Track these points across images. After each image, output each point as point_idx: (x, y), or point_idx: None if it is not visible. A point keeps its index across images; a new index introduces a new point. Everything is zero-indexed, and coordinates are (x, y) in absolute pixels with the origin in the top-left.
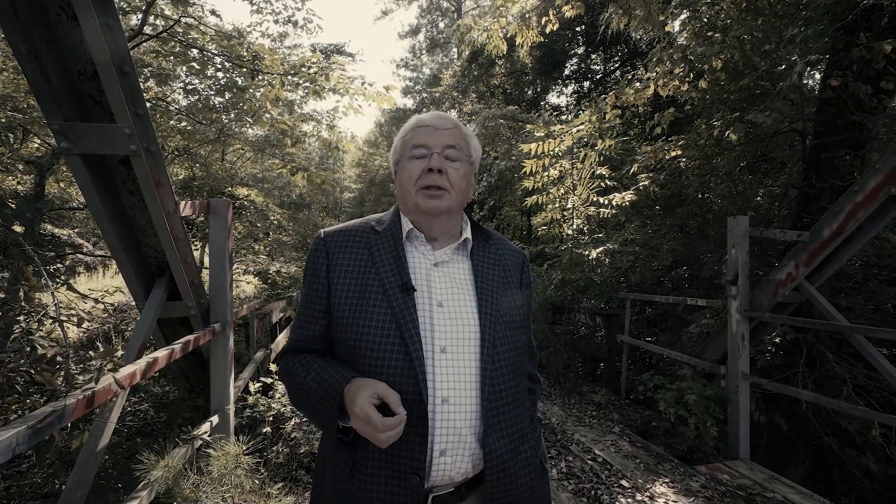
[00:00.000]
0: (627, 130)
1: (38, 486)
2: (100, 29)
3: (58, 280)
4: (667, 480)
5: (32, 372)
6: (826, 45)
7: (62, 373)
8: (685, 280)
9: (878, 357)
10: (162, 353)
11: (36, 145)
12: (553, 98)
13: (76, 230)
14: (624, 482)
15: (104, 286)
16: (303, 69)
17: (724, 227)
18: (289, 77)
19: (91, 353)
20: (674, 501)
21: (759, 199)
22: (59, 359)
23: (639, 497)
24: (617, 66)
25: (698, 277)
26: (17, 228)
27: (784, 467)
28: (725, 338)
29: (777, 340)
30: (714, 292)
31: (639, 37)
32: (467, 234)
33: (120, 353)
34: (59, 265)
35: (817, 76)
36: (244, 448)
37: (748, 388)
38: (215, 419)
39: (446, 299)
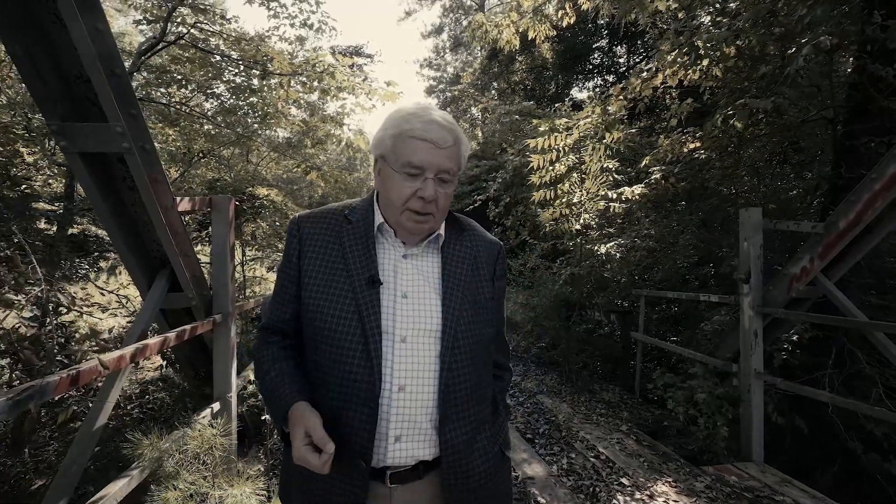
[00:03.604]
0: (654, 124)
1: (52, 463)
2: (87, 33)
3: (66, 275)
4: (669, 480)
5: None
6: (852, 28)
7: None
8: (710, 277)
9: None
10: (154, 341)
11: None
12: (576, 93)
13: None
14: (624, 480)
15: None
16: (306, 66)
17: None
18: (297, 77)
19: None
20: (674, 501)
21: (793, 192)
22: (43, 339)
23: (637, 495)
24: (641, 58)
25: (723, 274)
26: (45, 227)
27: (809, 473)
28: (738, 335)
29: (795, 338)
30: (737, 288)
31: (666, 27)
32: (440, 229)
33: (105, 336)
34: (86, 261)
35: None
36: (217, 431)
37: (761, 386)
38: (216, 406)
39: (411, 291)
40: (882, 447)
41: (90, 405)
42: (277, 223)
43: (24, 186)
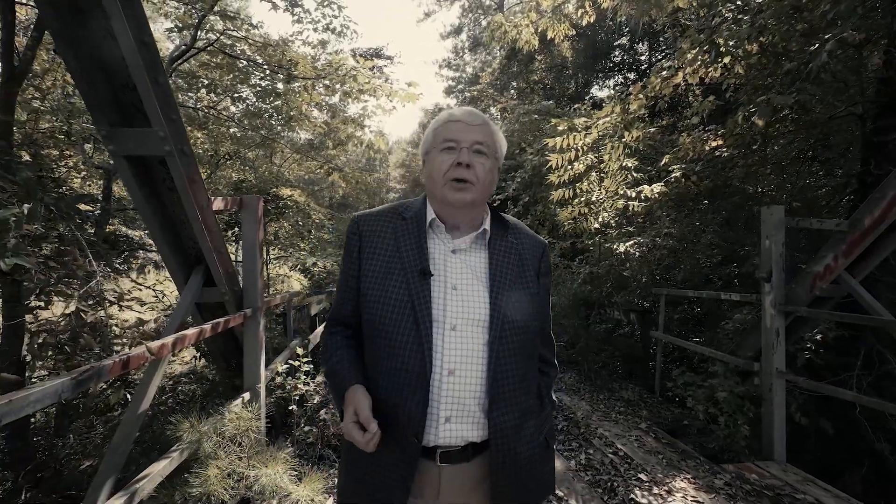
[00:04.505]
0: (677, 122)
1: (97, 445)
2: (136, 47)
3: (117, 269)
4: (688, 476)
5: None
6: (882, 21)
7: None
8: (735, 276)
9: None
10: (191, 331)
11: (108, 153)
12: (596, 91)
13: (146, 231)
14: (642, 475)
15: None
16: (330, 69)
17: None
18: (320, 80)
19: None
20: (692, 497)
21: (823, 189)
22: (99, 326)
23: (655, 490)
24: (663, 55)
25: (747, 273)
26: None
27: (836, 475)
28: (760, 334)
29: (818, 337)
30: (759, 288)
31: (688, 24)
32: (486, 225)
33: (152, 326)
34: (118, 259)
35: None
36: (252, 415)
37: (783, 385)
38: (247, 395)
39: (460, 283)
40: None
41: (128, 396)
42: (300, 223)
43: (64, 188)
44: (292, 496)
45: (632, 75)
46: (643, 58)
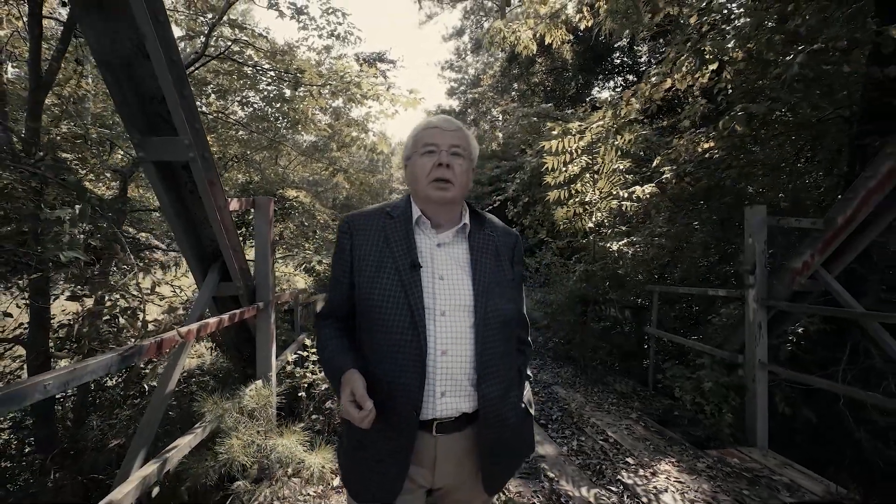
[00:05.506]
0: (676, 123)
1: (124, 427)
2: (166, 64)
3: (142, 264)
4: (673, 460)
5: (120, 318)
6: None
7: (139, 320)
8: (731, 275)
9: (892, 344)
10: (213, 320)
11: (120, 156)
12: (596, 93)
13: (154, 231)
14: (629, 459)
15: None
16: (335, 76)
17: None
18: (327, 87)
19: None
20: (675, 478)
21: (820, 189)
22: (138, 312)
23: (641, 472)
24: (662, 58)
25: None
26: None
27: (824, 467)
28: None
29: (800, 331)
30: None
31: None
32: (466, 220)
33: (181, 311)
34: (142, 261)
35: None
36: (272, 393)
37: (766, 376)
38: (259, 383)
39: (446, 273)
40: (887, 437)
41: (145, 388)
42: (305, 224)
43: (88, 194)
44: (306, 463)
45: (632, 77)
46: (643, 59)
